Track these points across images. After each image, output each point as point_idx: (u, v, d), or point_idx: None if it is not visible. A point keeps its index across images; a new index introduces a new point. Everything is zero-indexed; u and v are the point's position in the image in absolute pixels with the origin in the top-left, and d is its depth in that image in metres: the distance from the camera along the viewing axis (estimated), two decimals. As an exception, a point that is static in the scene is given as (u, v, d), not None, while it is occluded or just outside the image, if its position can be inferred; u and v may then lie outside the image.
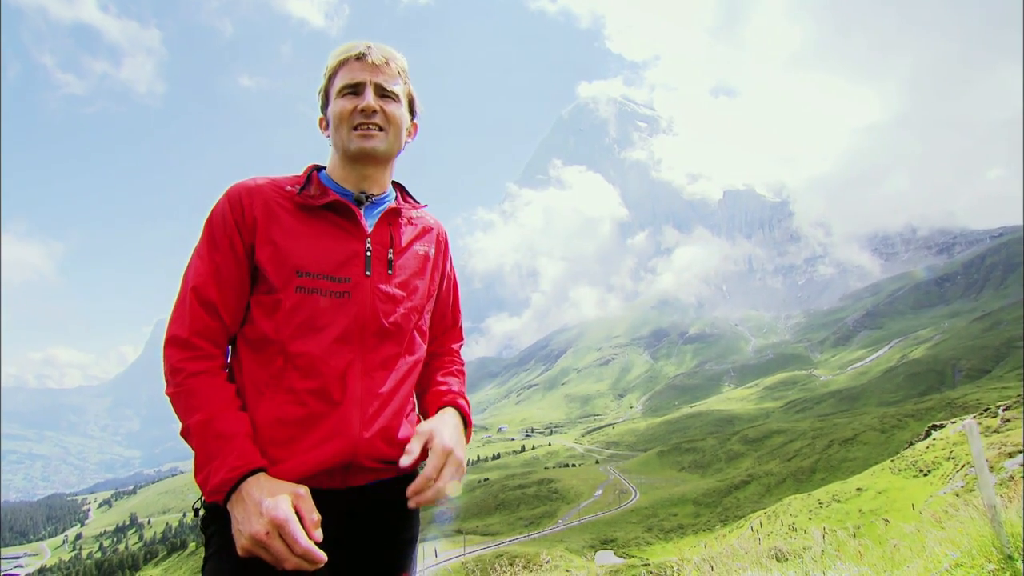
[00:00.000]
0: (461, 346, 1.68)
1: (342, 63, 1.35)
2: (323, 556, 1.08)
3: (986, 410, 25.86)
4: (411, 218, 1.46)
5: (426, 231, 1.49)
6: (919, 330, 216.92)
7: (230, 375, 1.31)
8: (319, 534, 1.12)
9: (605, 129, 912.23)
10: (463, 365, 1.64)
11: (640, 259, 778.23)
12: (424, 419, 1.44)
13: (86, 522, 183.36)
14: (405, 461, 1.23)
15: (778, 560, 4.58)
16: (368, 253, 1.32)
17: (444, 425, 1.33)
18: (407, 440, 1.35)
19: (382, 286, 1.33)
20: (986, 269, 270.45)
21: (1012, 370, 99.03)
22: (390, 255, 1.36)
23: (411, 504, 1.24)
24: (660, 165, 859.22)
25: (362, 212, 1.36)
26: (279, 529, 1.06)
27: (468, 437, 1.43)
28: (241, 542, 1.09)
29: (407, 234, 1.43)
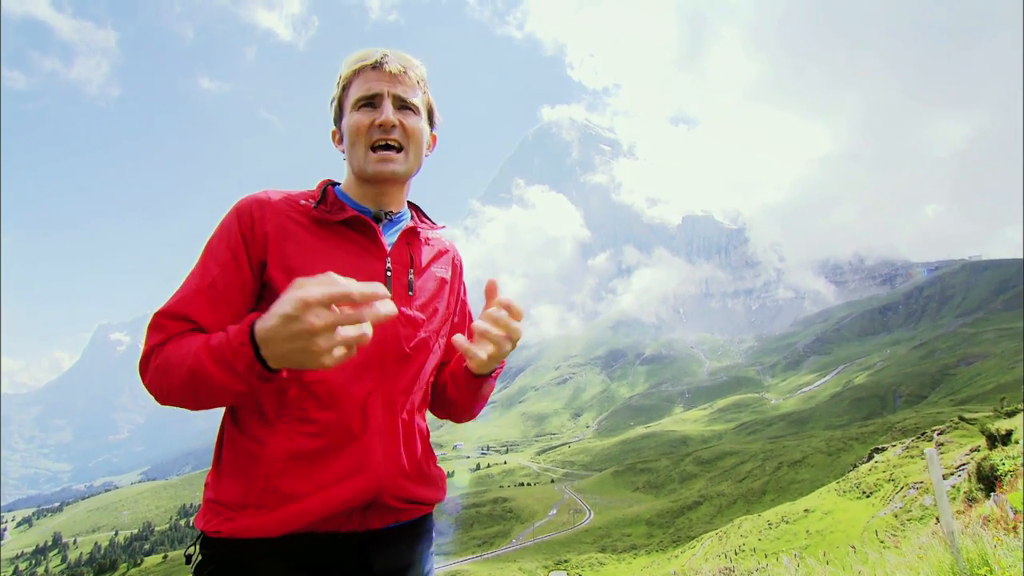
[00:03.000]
0: None
1: (356, 72, 1.24)
2: (384, 290, 0.90)
3: (923, 434, 27.02)
4: (428, 238, 1.38)
5: (442, 253, 1.41)
6: (864, 356, 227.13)
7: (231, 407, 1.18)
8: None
9: (568, 151, 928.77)
10: None
11: (601, 279, 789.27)
12: (446, 385, 1.37)
13: (0, 543, 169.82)
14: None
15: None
16: (388, 273, 1.23)
17: None
18: (433, 477, 1.27)
19: (403, 309, 1.23)
20: (924, 300, 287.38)
21: (945, 396, 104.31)
22: (410, 276, 1.27)
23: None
24: (621, 188, 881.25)
25: (380, 230, 1.27)
26: (305, 298, 0.84)
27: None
28: (294, 346, 0.88)
29: (426, 255, 1.35)
